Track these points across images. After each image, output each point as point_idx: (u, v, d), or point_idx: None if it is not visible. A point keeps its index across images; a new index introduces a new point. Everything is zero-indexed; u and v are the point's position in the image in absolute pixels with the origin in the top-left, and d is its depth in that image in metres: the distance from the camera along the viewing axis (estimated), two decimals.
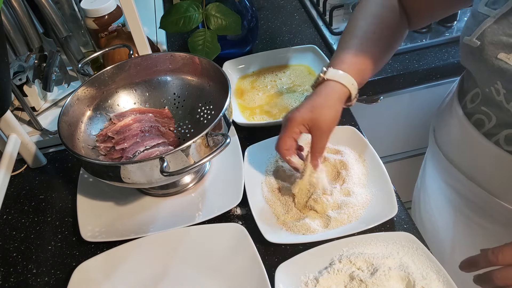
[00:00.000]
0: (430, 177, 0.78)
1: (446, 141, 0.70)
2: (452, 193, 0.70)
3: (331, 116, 0.61)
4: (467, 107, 0.64)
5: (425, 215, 0.83)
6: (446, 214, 0.74)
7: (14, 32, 0.71)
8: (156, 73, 0.76)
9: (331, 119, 0.61)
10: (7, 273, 0.65)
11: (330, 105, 0.61)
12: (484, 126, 0.61)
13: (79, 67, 0.75)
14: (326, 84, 0.63)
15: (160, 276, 0.61)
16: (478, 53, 0.56)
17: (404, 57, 0.95)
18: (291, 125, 0.61)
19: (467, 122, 0.63)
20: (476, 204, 0.65)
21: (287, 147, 0.62)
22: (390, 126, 1.08)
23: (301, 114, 0.61)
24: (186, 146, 0.57)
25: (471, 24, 0.58)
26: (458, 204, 0.70)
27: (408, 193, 1.12)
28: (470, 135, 0.62)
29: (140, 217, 0.68)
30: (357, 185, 0.67)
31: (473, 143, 0.62)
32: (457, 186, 0.68)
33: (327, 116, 0.60)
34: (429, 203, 0.80)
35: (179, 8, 0.82)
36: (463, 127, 0.64)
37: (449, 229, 0.74)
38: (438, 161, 0.72)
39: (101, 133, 0.71)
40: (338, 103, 0.62)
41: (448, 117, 0.69)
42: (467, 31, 0.58)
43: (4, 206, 0.75)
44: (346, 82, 0.62)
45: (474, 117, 0.63)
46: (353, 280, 0.55)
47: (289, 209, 0.65)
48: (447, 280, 0.54)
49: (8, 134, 0.74)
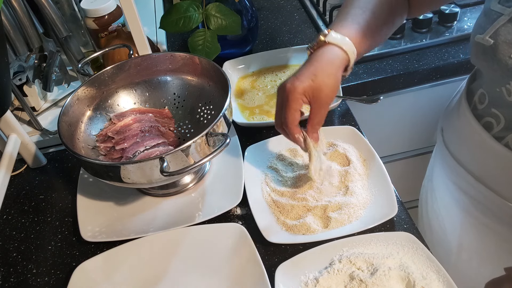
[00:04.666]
0: (438, 177, 0.78)
1: (455, 141, 0.69)
2: (460, 194, 0.70)
3: (332, 84, 0.56)
4: (477, 108, 0.63)
5: (432, 215, 0.82)
6: (453, 214, 0.74)
7: (14, 32, 0.71)
8: (156, 73, 0.76)
9: (332, 88, 0.57)
10: (7, 273, 0.65)
11: (332, 73, 0.57)
12: (493, 129, 0.60)
13: (79, 67, 0.75)
14: (326, 49, 0.58)
15: (160, 276, 0.61)
16: (491, 52, 0.55)
17: (404, 57, 0.95)
18: (294, 96, 0.56)
19: (477, 124, 0.62)
20: (484, 205, 0.65)
21: (296, 121, 0.57)
22: (390, 126, 1.08)
23: (302, 83, 0.56)
24: (186, 146, 0.57)
25: (483, 22, 0.56)
26: (466, 204, 0.69)
27: (408, 193, 1.12)
28: (479, 136, 0.62)
29: (140, 217, 0.68)
30: (357, 185, 0.67)
31: (482, 144, 0.61)
32: (465, 187, 0.68)
33: (328, 85, 0.56)
34: (436, 203, 0.80)
35: (179, 8, 0.82)
36: (472, 129, 0.63)
37: (456, 230, 0.74)
38: (446, 162, 0.72)
39: (101, 133, 0.71)
40: (339, 70, 0.58)
41: (456, 118, 0.68)
42: (479, 29, 0.57)
43: (4, 206, 0.75)
44: (348, 49, 0.58)
45: (483, 120, 0.62)
46: (353, 280, 0.55)
47: (289, 209, 0.65)
48: (447, 280, 0.54)
49: (8, 134, 0.74)
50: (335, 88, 0.57)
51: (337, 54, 0.58)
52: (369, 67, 0.94)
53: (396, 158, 1.16)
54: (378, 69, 0.93)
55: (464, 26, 0.98)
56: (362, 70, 0.93)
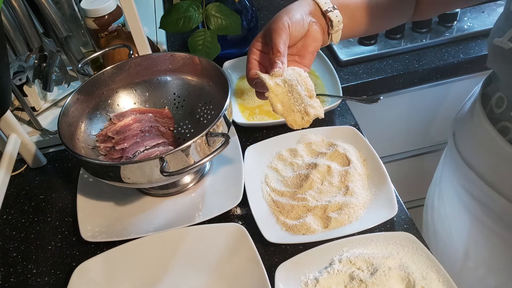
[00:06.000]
0: (447, 182, 0.76)
1: (467, 146, 0.68)
2: (470, 199, 0.68)
3: (287, 15, 0.55)
4: (494, 112, 0.62)
5: (437, 219, 0.81)
6: (461, 220, 0.72)
7: (14, 32, 0.71)
8: (156, 73, 0.76)
9: (287, 17, 0.55)
10: (7, 273, 0.65)
11: (290, 10, 0.56)
12: (509, 134, 0.59)
13: (79, 67, 0.75)
14: None
15: (160, 276, 0.61)
16: (510, 56, 0.53)
17: (404, 57, 0.95)
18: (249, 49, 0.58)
19: (492, 128, 0.61)
20: (494, 211, 0.64)
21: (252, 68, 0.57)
22: (390, 126, 1.08)
23: (259, 32, 0.58)
24: (186, 146, 0.57)
25: (502, 25, 0.55)
26: (475, 210, 0.68)
27: (408, 193, 1.12)
28: (494, 141, 0.60)
29: (140, 217, 0.68)
30: (357, 185, 0.67)
31: (497, 149, 0.60)
32: (475, 192, 0.67)
33: (281, 17, 0.55)
34: (443, 208, 0.78)
35: (179, 8, 0.82)
36: (487, 133, 0.62)
37: (463, 236, 0.72)
38: (457, 166, 0.71)
39: (101, 133, 0.71)
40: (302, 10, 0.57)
41: (470, 122, 0.67)
42: (498, 32, 0.55)
43: (4, 206, 0.75)
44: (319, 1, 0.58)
45: (499, 124, 0.61)
46: (353, 280, 0.55)
47: (289, 209, 0.65)
48: (447, 280, 0.54)
49: (8, 134, 0.74)
50: (291, 18, 0.55)
51: (307, 1, 0.59)
52: (369, 67, 0.94)
53: (396, 158, 1.16)
54: (378, 69, 0.93)
55: (464, 26, 0.98)
56: (362, 70, 0.93)
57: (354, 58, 0.95)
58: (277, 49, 0.53)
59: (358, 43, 0.98)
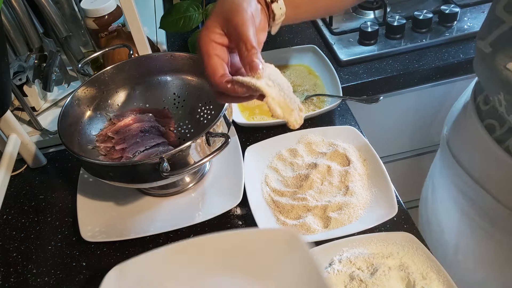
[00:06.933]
0: (439, 177, 0.78)
1: (457, 142, 0.69)
2: (459, 194, 0.70)
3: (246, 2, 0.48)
4: (481, 109, 0.63)
5: (431, 214, 0.82)
6: (451, 214, 0.74)
7: (14, 32, 0.71)
8: (156, 73, 0.76)
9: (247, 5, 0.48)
10: (7, 273, 0.65)
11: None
12: (495, 132, 0.59)
13: (79, 67, 0.75)
14: None
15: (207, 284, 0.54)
16: (489, 60, 0.53)
17: (404, 57, 0.95)
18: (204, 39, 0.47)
19: (480, 126, 0.61)
20: (481, 208, 0.65)
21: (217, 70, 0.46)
22: (390, 126, 1.08)
23: (208, 22, 0.48)
24: (186, 146, 0.57)
25: (487, 26, 0.54)
26: (464, 205, 0.69)
27: (408, 193, 1.12)
28: (482, 139, 0.61)
29: (140, 217, 0.68)
30: (357, 185, 0.67)
31: (483, 146, 0.61)
32: (463, 188, 0.68)
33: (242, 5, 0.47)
34: (436, 203, 0.80)
35: (179, 8, 0.82)
36: (475, 130, 0.62)
37: (454, 230, 0.74)
38: (447, 162, 0.72)
39: (101, 133, 0.71)
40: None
41: (462, 118, 0.68)
42: (481, 34, 0.55)
43: (4, 206, 0.75)
44: None
45: (486, 121, 0.61)
46: (353, 280, 0.55)
47: (289, 209, 0.65)
48: (447, 280, 0.54)
49: (8, 134, 0.74)
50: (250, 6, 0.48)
51: None
52: (369, 67, 0.94)
53: (396, 158, 1.16)
54: (378, 69, 0.93)
55: (464, 26, 0.98)
56: (362, 70, 0.93)
57: (354, 58, 0.95)
58: (252, 45, 0.46)
59: (358, 43, 0.98)
